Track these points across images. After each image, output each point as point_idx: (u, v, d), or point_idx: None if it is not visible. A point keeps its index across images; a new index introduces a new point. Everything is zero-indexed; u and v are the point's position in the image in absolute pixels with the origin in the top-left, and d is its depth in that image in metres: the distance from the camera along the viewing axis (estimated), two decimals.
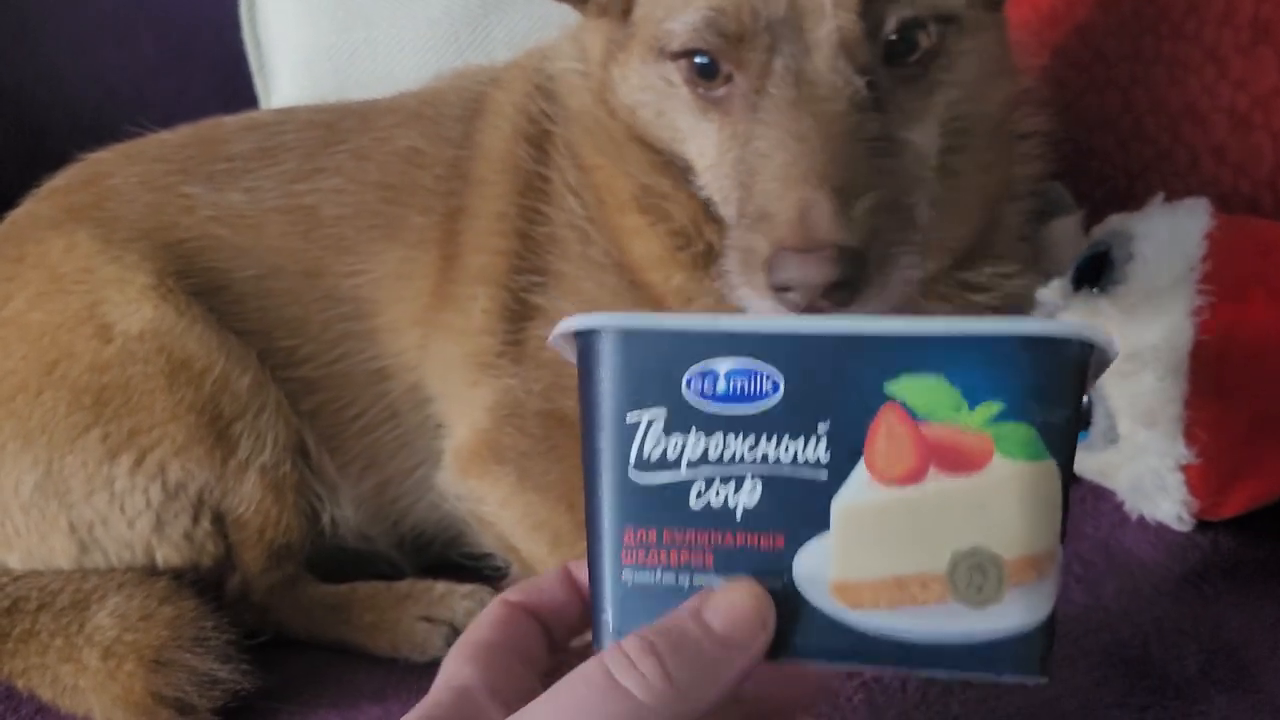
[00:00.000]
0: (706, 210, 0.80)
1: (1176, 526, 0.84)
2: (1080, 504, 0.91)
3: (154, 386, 0.86)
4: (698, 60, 0.73)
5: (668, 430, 0.46)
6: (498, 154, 0.92)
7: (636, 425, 0.47)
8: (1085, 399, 0.84)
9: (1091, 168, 1.11)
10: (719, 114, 0.74)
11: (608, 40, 0.82)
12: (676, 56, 0.74)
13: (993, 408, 0.45)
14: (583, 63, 0.87)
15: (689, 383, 0.46)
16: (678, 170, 0.80)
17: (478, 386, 0.89)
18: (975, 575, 0.46)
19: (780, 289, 0.66)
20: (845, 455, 0.46)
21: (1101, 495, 0.90)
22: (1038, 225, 0.95)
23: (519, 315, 0.88)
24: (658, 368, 0.46)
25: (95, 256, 0.90)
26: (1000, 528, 0.46)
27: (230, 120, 1.03)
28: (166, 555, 0.88)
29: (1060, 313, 0.85)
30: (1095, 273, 0.86)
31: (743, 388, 0.45)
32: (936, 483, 0.45)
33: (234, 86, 1.39)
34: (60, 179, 1.01)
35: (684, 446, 0.46)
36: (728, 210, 0.75)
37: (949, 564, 0.46)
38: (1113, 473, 0.86)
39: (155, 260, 0.90)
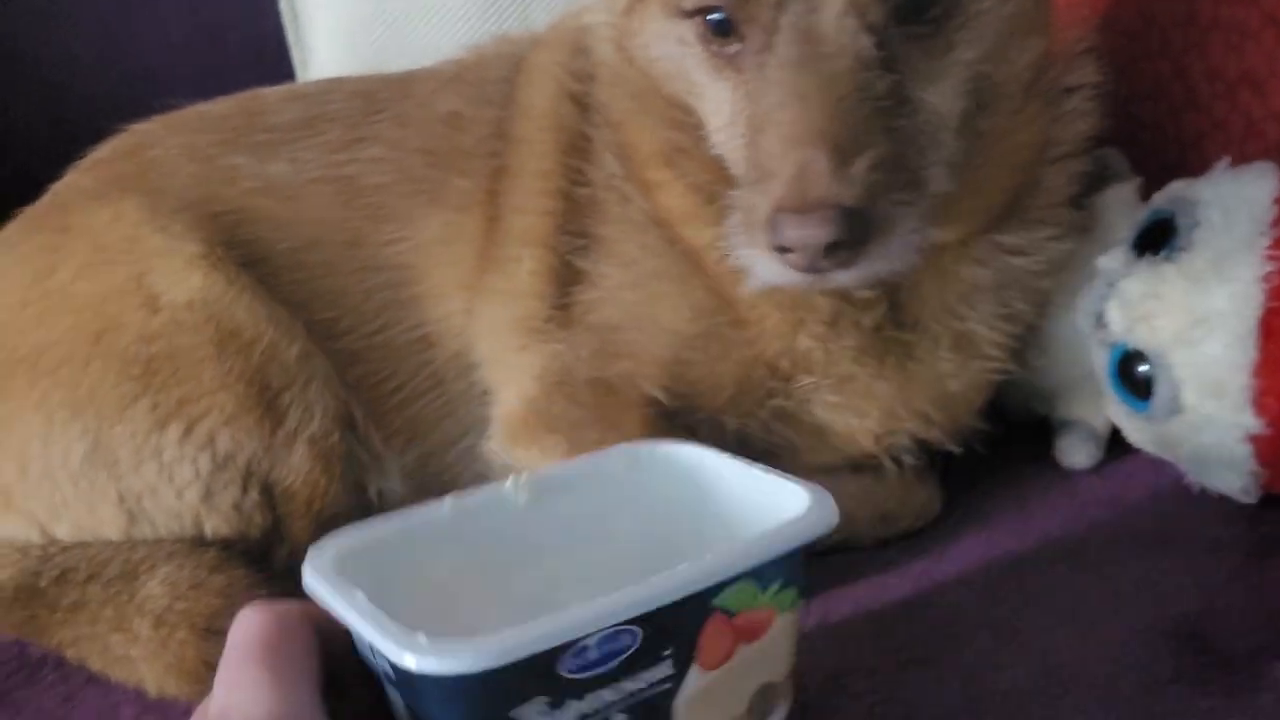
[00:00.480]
0: (723, 168, 0.79)
1: (1241, 499, 0.82)
2: (1136, 477, 0.90)
3: (202, 356, 0.85)
4: (710, 18, 0.72)
5: (550, 709, 0.51)
6: (540, 112, 0.92)
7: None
8: (1145, 367, 0.83)
9: (1141, 138, 1.09)
10: (733, 72, 0.73)
11: None
12: (690, 14, 0.73)
13: (776, 584, 0.57)
14: (609, 13, 0.86)
15: (563, 663, 0.50)
16: (695, 126, 0.80)
17: (525, 351, 0.88)
18: (761, 701, 0.60)
19: (781, 249, 0.66)
20: (683, 663, 0.54)
21: (1160, 468, 0.88)
22: (1091, 191, 0.93)
23: (565, 278, 0.87)
24: (533, 663, 0.50)
25: (141, 226, 0.89)
26: (775, 661, 0.60)
27: (272, 91, 1.02)
28: (215, 526, 0.87)
29: (1123, 280, 0.84)
30: (1157, 240, 0.84)
31: (610, 650, 0.51)
32: (741, 653, 0.57)
33: (265, 65, 1.38)
34: (103, 150, 1.01)
35: (565, 715, 0.52)
36: (739, 169, 0.74)
37: (749, 702, 0.59)
38: (1174, 444, 0.84)
39: (202, 230, 0.90)
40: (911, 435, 0.86)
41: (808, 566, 0.59)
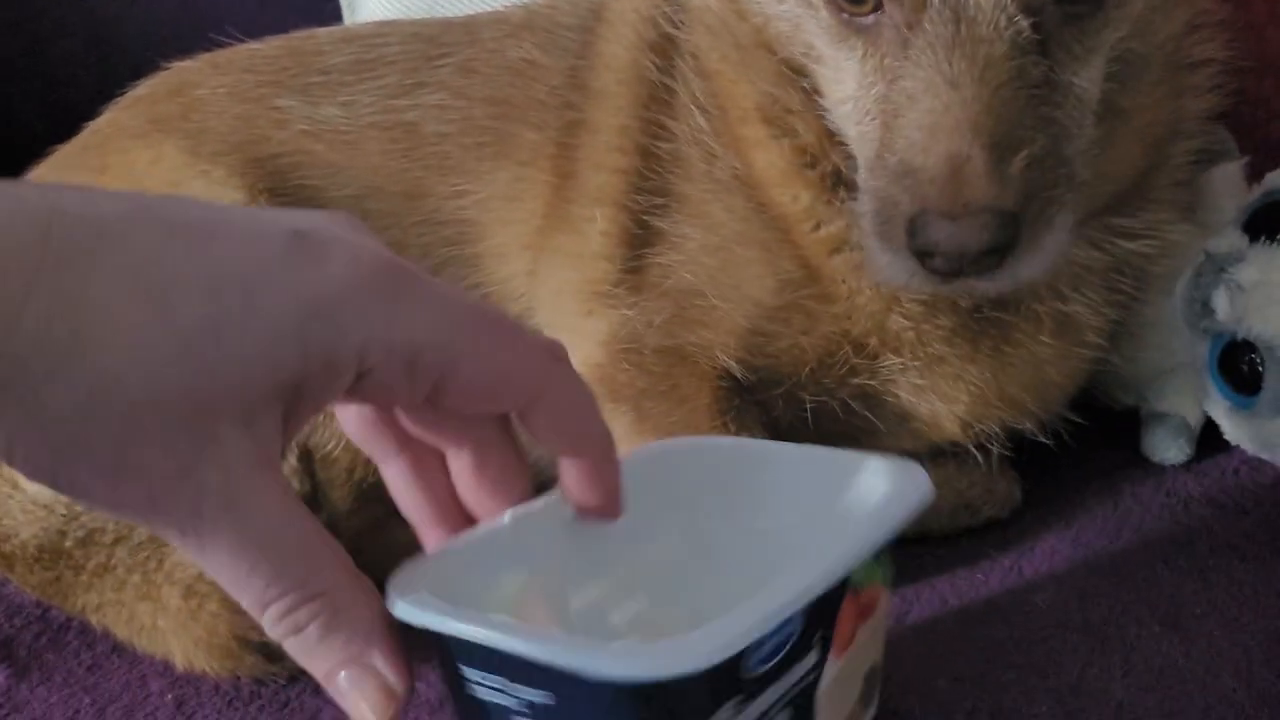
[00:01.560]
0: (832, 134, 0.74)
1: None
2: (1234, 476, 0.84)
3: None
4: None
5: (735, 714, 0.47)
6: (620, 63, 0.86)
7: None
8: (1254, 358, 0.77)
9: (1243, 113, 1.02)
10: (863, 43, 0.67)
11: None
12: None
13: (884, 556, 0.54)
14: None
15: (747, 661, 0.46)
16: (805, 87, 0.74)
17: (592, 316, 0.82)
18: (869, 687, 0.56)
19: (923, 253, 0.61)
20: (825, 649, 0.51)
21: (1259, 467, 0.83)
22: (1197, 171, 0.87)
23: (639, 240, 0.81)
24: (729, 663, 0.45)
25: (182, 170, 0.85)
26: (879, 641, 0.57)
27: (324, 32, 0.97)
28: None
29: (1235, 266, 0.78)
30: (1272, 224, 0.79)
31: (778, 642, 0.47)
32: (859, 634, 0.53)
33: (317, 4, 1.33)
34: (144, 88, 0.96)
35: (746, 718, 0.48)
36: (863, 149, 0.69)
37: (861, 687, 0.55)
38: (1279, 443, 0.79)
39: (245, 176, 0.85)
40: (1002, 424, 0.80)
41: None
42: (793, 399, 0.79)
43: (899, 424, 0.81)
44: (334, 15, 1.30)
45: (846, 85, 0.69)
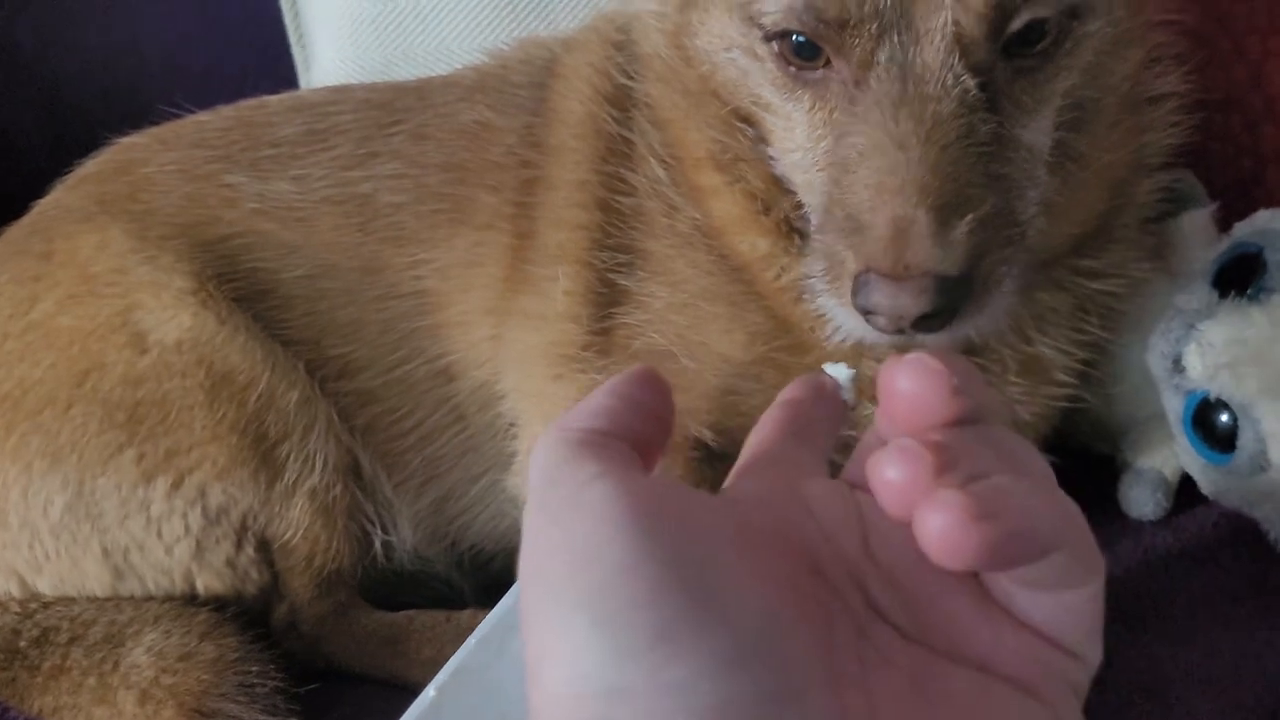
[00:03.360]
0: (780, 182, 0.73)
1: None
2: (1214, 530, 0.83)
3: (193, 403, 0.79)
4: (794, 39, 0.65)
5: None
6: (576, 117, 0.85)
7: None
8: (1227, 417, 0.76)
9: (1212, 150, 1.01)
10: (811, 95, 0.66)
11: None
12: (769, 37, 0.66)
13: None
14: (660, 2, 0.79)
15: None
16: (756, 138, 0.74)
17: (561, 381, 0.81)
18: None
19: (866, 311, 0.62)
20: None
21: (1239, 522, 0.81)
22: (1164, 217, 0.86)
23: (605, 299, 0.80)
24: None
25: (129, 256, 0.83)
26: None
27: (275, 101, 0.96)
28: (208, 583, 0.82)
29: (1204, 323, 0.76)
30: (1243, 277, 0.77)
31: None
32: None
33: (272, 58, 1.32)
34: (91, 166, 0.95)
35: None
36: (811, 200, 0.68)
37: None
38: (1258, 501, 0.78)
39: (194, 261, 0.84)
40: None
41: None
42: None
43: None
44: (291, 74, 1.28)
45: (794, 136, 0.68)
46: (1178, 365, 0.78)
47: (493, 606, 0.82)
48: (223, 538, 0.80)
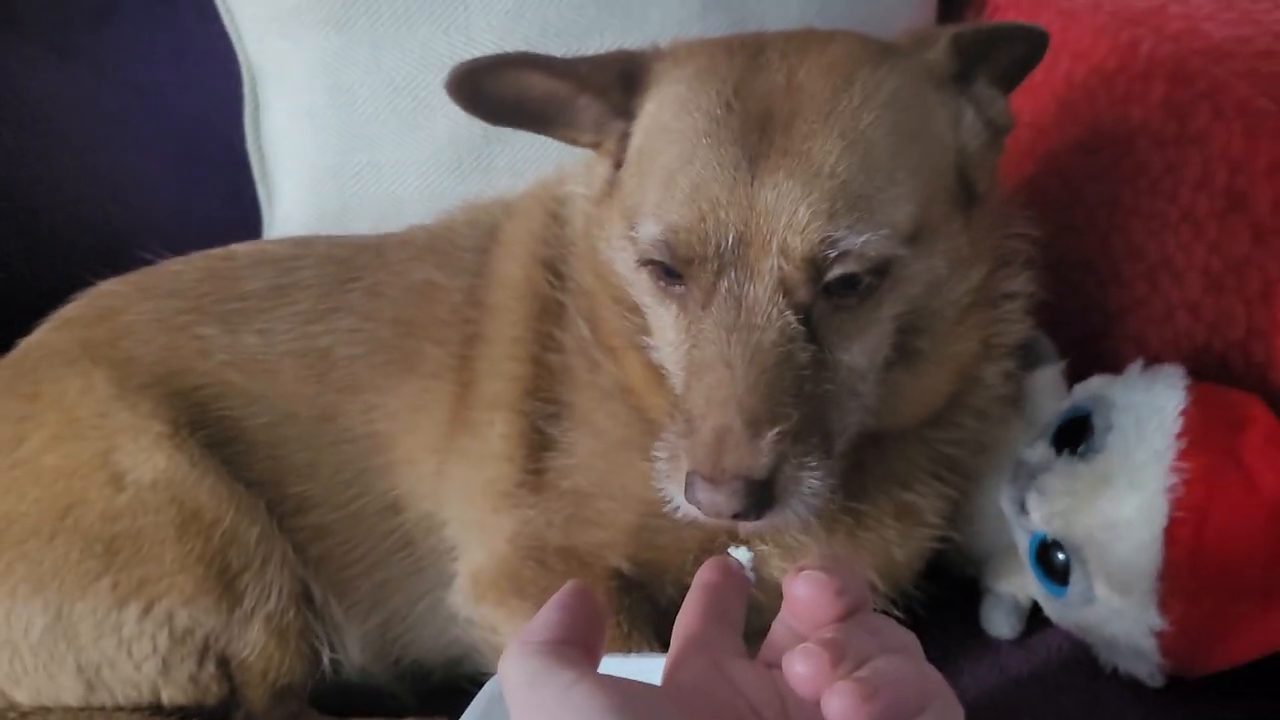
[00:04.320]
0: (658, 369, 0.84)
1: (1149, 683, 0.87)
2: (1059, 653, 0.95)
3: (164, 537, 0.87)
4: (661, 264, 0.77)
5: None
6: (514, 280, 0.95)
7: None
8: (1063, 556, 0.88)
9: (1068, 303, 1.14)
10: (677, 305, 0.78)
11: (604, 180, 0.86)
12: (641, 263, 0.78)
13: None
14: (588, 189, 0.90)
15: None
16: (639, 324, 0.85)
17: (498, 514, 0.91)
18: None
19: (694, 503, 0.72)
20: None
21: (1079, 646, 0.93)
22: (1020, 373, 0.98)
23: (537, 444, 0.90)
24: None
25: (111, 402, 0.92)
26: None
27: (243, 252, 1.05)
28: (172, 695, 0.89)
29: (1043, 474, 0.89)
30: (1076, 435, 0.90)
31: None
32: None
33: (238, 190, 1.39)
34: (74, 309, 1.03)
35: None
36: (678, 390, 0.79)
37: None
38: (1087, 630, 0.90)
39: (170, 408, 0.92)
40: None
41: None
42: (680, 585, 0.88)
43: (777, 597, 0.90)
44: (255, 204, 1.38)
45: (666, 335, 0.80)
46: (1023, 508, 0.90)
47: (432, 714, 0.93)
48: (187, 656, 0.88)
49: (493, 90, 0.83)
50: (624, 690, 0.49)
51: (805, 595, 0.56)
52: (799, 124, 0.73)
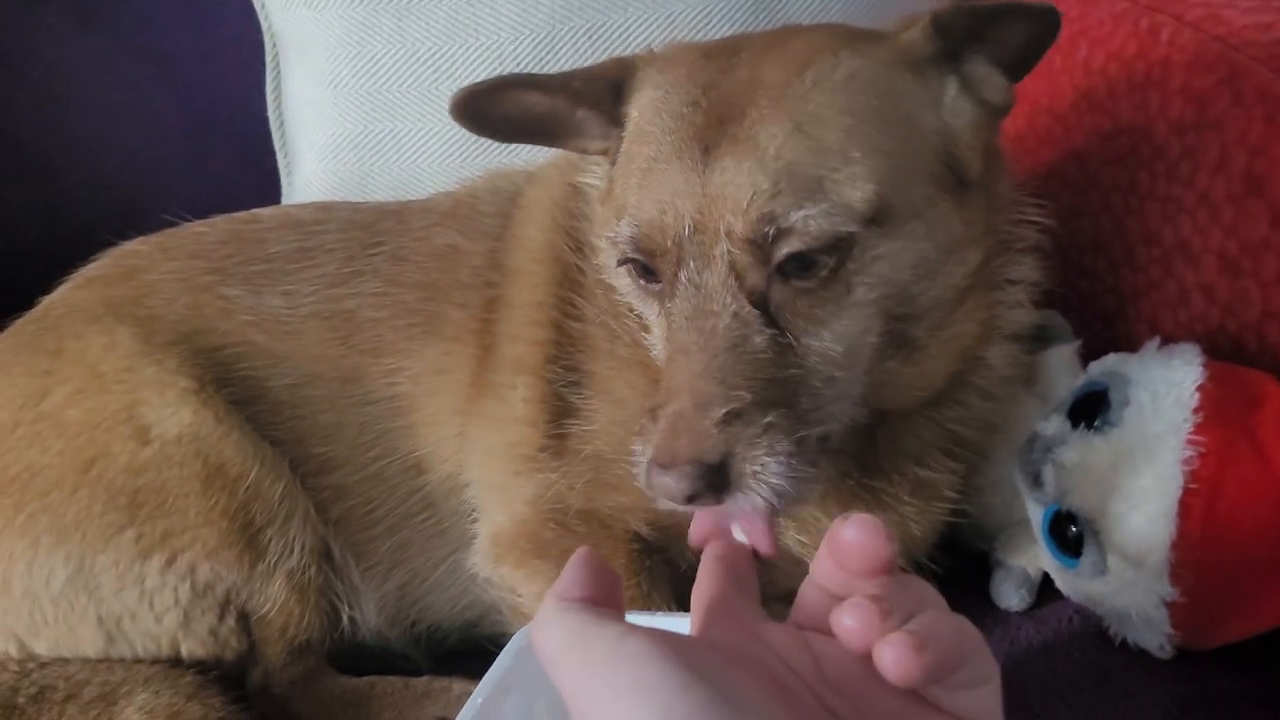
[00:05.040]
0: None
1: (1159, 654, 0.88)
2: (1069, 624, 0.96)
3: (188, 491, 0.88)
4: (637, 262, 0.78)
5: None
6: (536, 245, 0.96)
7: None
8: (1075, 528, 0.89)
9: (1083, 286, 1.16)
10: (656, 303, 0.79)
11: (607, 181, 0.86)
12: (619, 261, 0.79)
13: None
14: (600, 181, 0.91)
15: None
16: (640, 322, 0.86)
17: (519, 477, 0.91)
18: None
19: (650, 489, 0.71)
20: None
21: (1089, 618, 0.94)
22: (1030, 354, 0.99)
23: (559, 410, 0.91)
24: None
25: (135, 357, 0.93)
26: None
27: (267, 215, 1.06)
28: (191, 649, 0.90)
29: (1058, 448, 0.90)
30: (1092, 410, 0.91)
31: None
32: None
33: (256, 158, 1.42)
34: (97, 268, 1.03)
35: None
36: None
37: None
38: (1098, 601, 0.90)
39: (195, 365, 0.93)
40: None
41: None
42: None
43: (795, 567, 0.91)
44: (273, 174, 1.38)
45: (656, 331, 0.81)
46: (1037, 481, 0.92)
47: (448, 675, 0.94)
48: (208, 609, 0.89)
49: (496, 111, 0.84)
50: (674, 641, 0.50)
51: (855, 539, 0.56)
52: (750, 112, 0.74)
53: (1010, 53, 0.80)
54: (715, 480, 0.68)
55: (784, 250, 0.72)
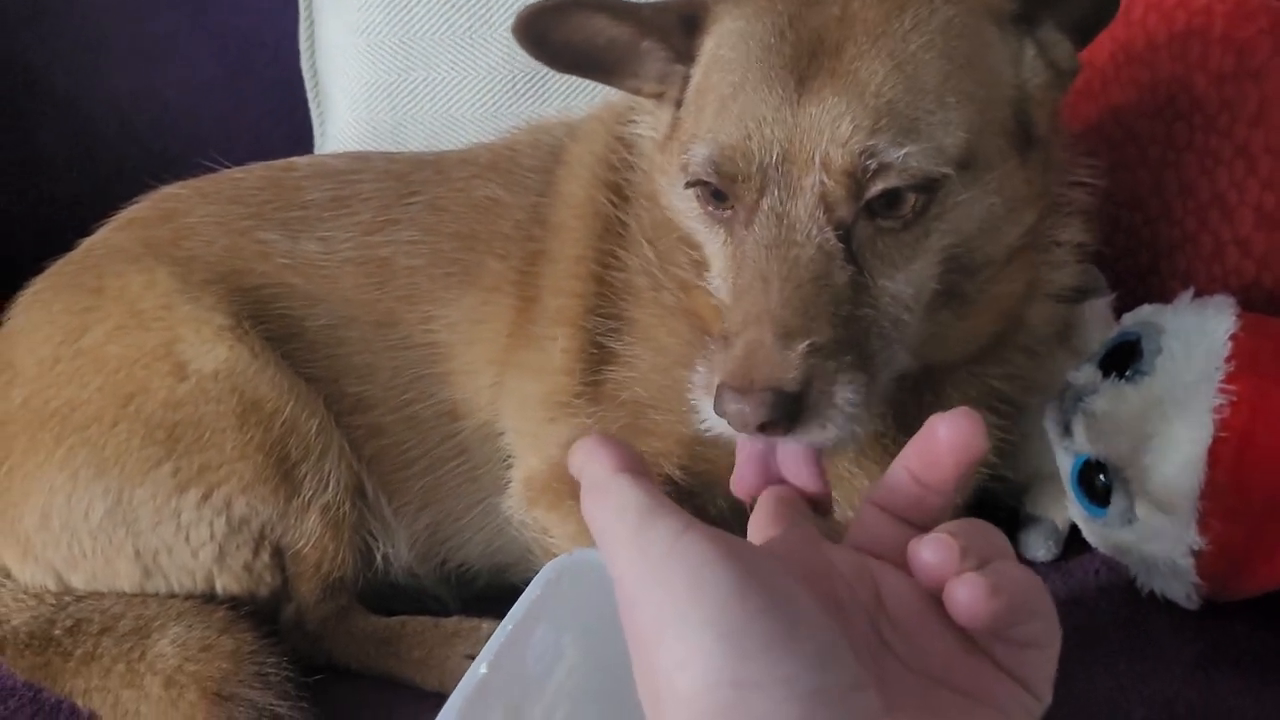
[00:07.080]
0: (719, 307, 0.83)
1: (1185, 605, 0.88)
2: (1096, 576, 0.96)
3: (225, 425, 0.90)
4: (709, 186, 0.77)
5: None
6: (578, 200, 0.96)
7: None
8: (1104, 477, 0.89)
9: (1118, 240, 1.15)
10: (724, 231, 0.78)
11: (667, 124, 0.86)
12: (689, 184, 0.79)
13: None
14: (655, 133, 0.91)
15: None
16: (698, 258, 0.85)
17: (554, 423, 0.92)
18: None
19: (722, 414, 0.69)
20: None
21: (1115, 570, 0.95)
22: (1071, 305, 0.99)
23: (596, 358, 0.91)
24: None
25: (174, 295, 0.94)
26: None
27: (303, 164, 1.06)
28: (226, 584, 0.92)
29: (1089, 397, 0.90)
30: (1124, 359, 0.90)
31: None
32: None
33: (289, 107, 1.43)
34: (136, 211, 1.05)
35: None
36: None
37: None
38: (1126, 551, 0.90)
39: (231, 304, 0.94)
40: None
41: None
42: (730, 498, 0.89)
43: (823, 522, 0.91)
44: (305, 124, 1.39)
45: (717, 263, 0.80)
46: (1067, 430, 0.92)
47: (477, 616, 0.95)
48: (243, 544, 0.90)
49: (559, 34, 0.83)
50: (732, 542, 0.49)
51: (947, 436, 0.56)
52: (848, 47, 0.74)
53: (1073, 23, 0.81)
54: (791, 409, 0.67)
55: (879, 185, 0.72)
